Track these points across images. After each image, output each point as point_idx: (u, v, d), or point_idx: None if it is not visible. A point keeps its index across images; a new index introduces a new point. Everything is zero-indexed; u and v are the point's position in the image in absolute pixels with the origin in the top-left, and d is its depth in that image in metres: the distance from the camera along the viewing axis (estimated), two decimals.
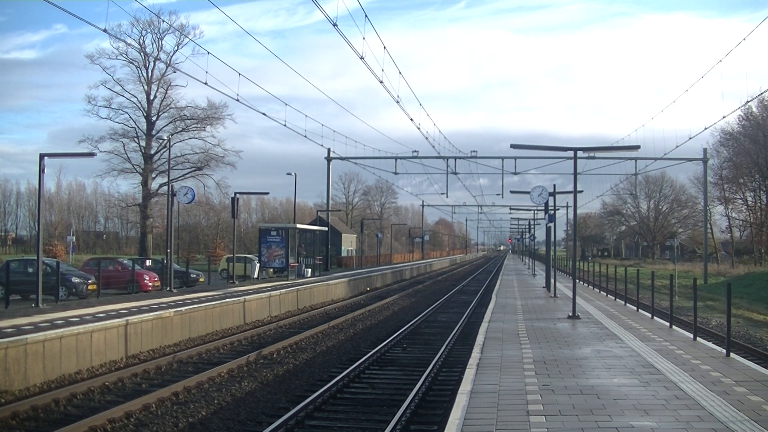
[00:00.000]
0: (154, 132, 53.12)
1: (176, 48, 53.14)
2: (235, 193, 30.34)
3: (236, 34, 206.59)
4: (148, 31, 51.97)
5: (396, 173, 47.61)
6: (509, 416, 7.16)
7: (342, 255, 71.84)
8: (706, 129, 34.99)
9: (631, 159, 45.39)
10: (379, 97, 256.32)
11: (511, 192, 42.30)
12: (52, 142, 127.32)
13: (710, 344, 12.52)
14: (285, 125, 31.30)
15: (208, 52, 24.18)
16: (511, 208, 51.21)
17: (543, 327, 15.06)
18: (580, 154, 17.51)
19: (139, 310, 16.95)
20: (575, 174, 17.52)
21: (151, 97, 54.00)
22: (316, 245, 38.61)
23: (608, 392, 8.27)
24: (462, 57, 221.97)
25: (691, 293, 14.86)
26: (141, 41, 52.32)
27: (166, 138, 34.64)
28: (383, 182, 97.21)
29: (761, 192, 56.90)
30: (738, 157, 55.69)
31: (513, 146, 17.26)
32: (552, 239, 28.55)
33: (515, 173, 46.64)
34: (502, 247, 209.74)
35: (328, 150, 46.13)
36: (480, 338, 13.19)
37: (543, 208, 26.65)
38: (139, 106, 54.00)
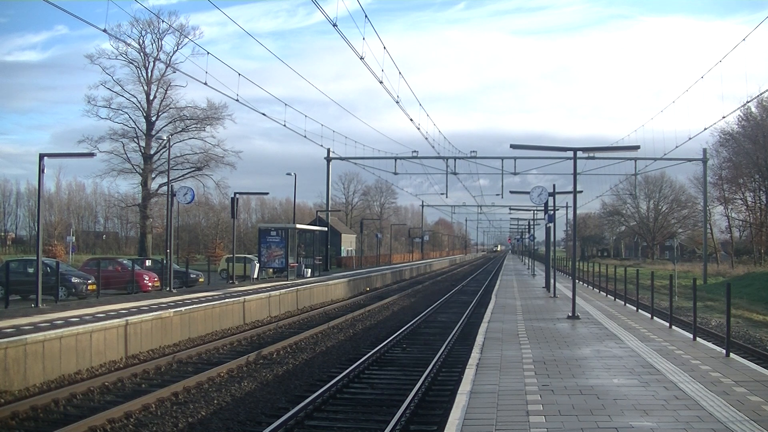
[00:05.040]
0: (153, 132, 53.18)
1: (176, 48, 53.32)
2: (235, 194, 30.33)
3: (236, 36, 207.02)
4: (148, 31, 52.13)
5: (396, 173, 47.64)
6: (509, 416, 7.16)
7: (341, 255, 71.81)
8: (705, 129, 35.03)
9: (630, 159, 45.44)
10: (380, 99, 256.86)
11: (511, 192, 42.30)
12: (54, 143, 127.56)
13: (710, 344, 12.53)
14: (285, 125, 31.36)
15: (208, 53, 24.25)
16: (510, 209, 51.15)
17: (543, 327, 15.06)
18: (579, 154, 17.50)
19: (139, 311, 16.95)
20: (575, 174, 17.52)
21: (151, 98, 54.08)
22: (316, 245, 38.62)
23: (608, 392, 8.27)
24: (461, 59, 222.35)
25: (691, 293, 14.86)
26: (141, 41, 52.47)
27: (165, 138, 34.62)
28: (383, 182, 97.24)
29: (761, 192, 56.88)
30: (737, 157, 55.65)
31: (512, 146, 17.26)
32: (552, 239, 28.59)
33: (515, 174, 46.64)
34: (499, 247, 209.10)
35: (328, 150, 46.12)
36: (480, 338, 13.19)
37: (543, 208, 26.66)
38: (139, 106, 54.10)
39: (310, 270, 35.07)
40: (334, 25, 18.33)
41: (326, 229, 44.13)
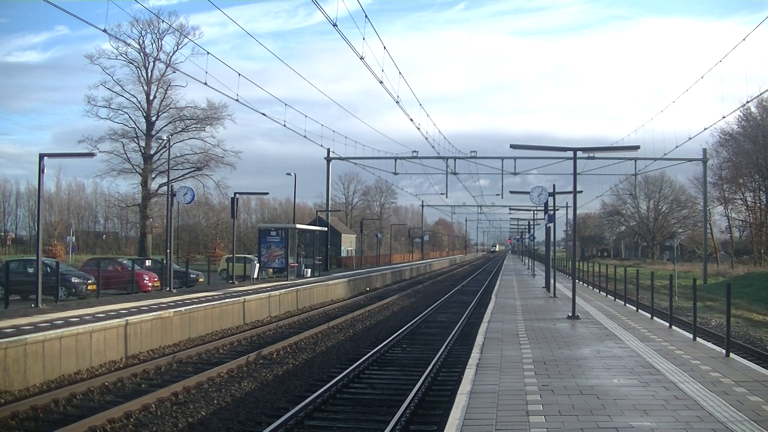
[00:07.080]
0: (153, 132, 53.17)
1: (176, 48, 53.30)
2: (235, 194, 30.33)
3: (237, 36, 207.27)
4: (148, 31, 52.11)
5: (396, 173, 47.67)
6: (509, 416, 7.16)
7: (341, 255, 71.79)
8: (705, 129, 35.07)
9: (630, 159, 45.46)
10: (381, 100, 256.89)
11: (511, 192, 42.28)
12: (55, 143, 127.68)
13: (710, 344, 12.53)
14: (285, 126, 31.38)
15: (208, 53, 24.26)
16: (510, 209, 51.16)
17: (543, 327, 15.06)
18: (579, 154, 17.50)
19: (139, 311, 16.95)
20: (575, 174, 17.52)
21: (151, 98, 54.06)
22: (316, 245, 38.62)
23: (608, 392, 8.27)
24: (461, 59, 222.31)
25: (691, 293, 14.86)
26: (141, 41, 52.45)
27: (165, 138, 34.61)
28: (383, 182, 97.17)
29: (761, 192, 56.86)
30: (737, 157, 55.65)
31: (512, 146, 17.27)
32: (552, 239, 28.59)
33: (515, 174, 46.65)
34: (497, 247, 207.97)
35: (328, 150, 46.14)
36: (480, 338, 13.19)
37: (543, 208, 26.66)
38: (139, 106, 54.09)
39: (310, 270, 35.07)
40: (335, 25, 18.35)
41: (326, 229, 44.13)
